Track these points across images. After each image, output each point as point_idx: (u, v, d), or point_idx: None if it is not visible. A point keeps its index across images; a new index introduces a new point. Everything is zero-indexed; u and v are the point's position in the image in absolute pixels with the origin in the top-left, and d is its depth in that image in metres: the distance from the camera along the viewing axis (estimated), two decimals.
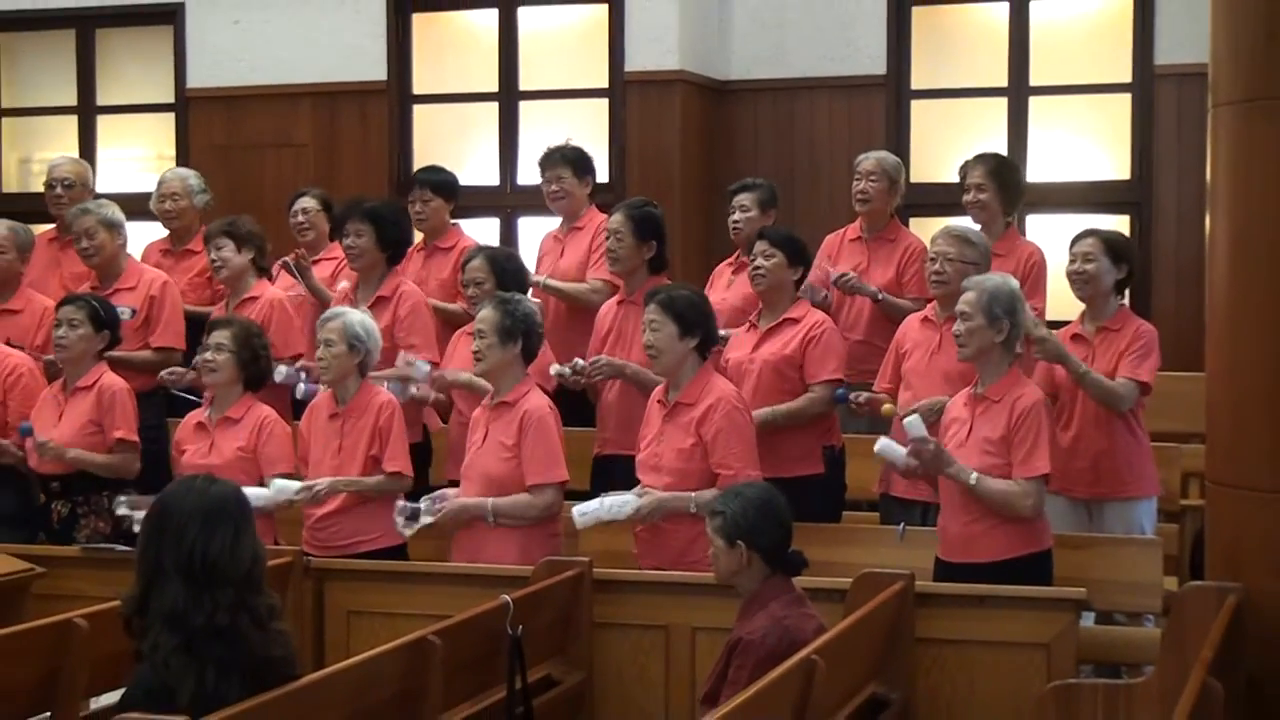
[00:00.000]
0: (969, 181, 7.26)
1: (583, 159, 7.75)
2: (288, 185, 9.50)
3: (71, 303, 6.75)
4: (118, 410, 6.62)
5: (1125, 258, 6.45)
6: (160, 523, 3.71)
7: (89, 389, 6.66)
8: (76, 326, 6.63)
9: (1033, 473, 5.50)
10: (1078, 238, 6.51)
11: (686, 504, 5.73)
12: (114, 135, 10.99)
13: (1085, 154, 9.64)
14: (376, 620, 5.78)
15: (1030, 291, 6.98)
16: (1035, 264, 7.11)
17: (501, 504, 5.91)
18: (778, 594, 4.82)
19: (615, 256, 6.87)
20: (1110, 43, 9.64)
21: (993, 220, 7.20)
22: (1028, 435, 5.53)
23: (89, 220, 7.49)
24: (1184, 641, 4.47)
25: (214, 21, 10.52)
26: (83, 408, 6.62)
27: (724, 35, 10.12)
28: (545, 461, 5.92)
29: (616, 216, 6.90)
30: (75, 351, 6.65)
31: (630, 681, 5.60)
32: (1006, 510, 5.50)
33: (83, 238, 7.48)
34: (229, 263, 7.31)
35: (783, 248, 6.55)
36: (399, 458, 6.23)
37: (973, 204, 7.23)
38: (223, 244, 7.31)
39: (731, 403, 5.89)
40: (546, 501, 5.94)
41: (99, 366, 6.73)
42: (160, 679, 3.59)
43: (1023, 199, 7.39)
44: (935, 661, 5.31)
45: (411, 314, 7.07)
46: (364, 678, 4.27)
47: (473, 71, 10.32)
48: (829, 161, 9.83)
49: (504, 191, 10.21)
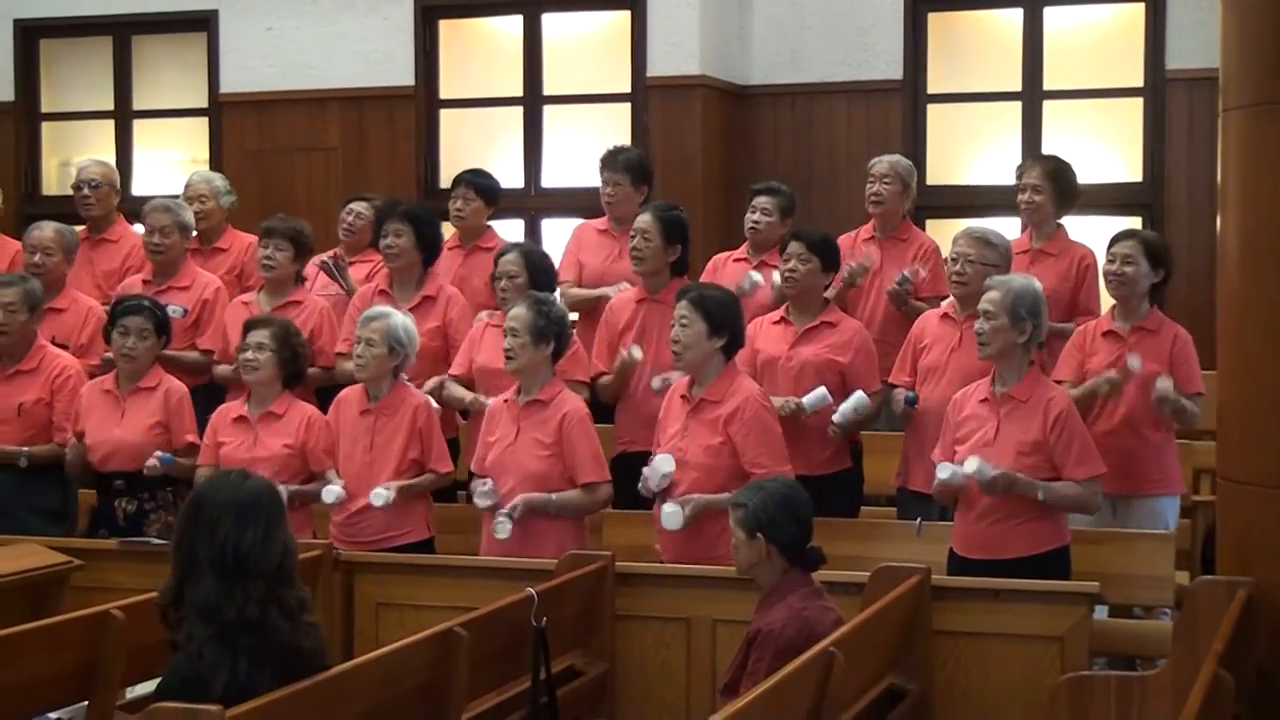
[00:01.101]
0: (1025, 181, 7.27)
1: (642, 167, 7.81)
2: (318, 188, 9.64)
3: (137, 313, 6.77)
4: (185, 414, 6.75)
5: (1163, 262, 6.49)
6: (195, 516, 3.77)
7: (151, 390, 6.75)
8: (146, 338, 6.73)
9: (1091, 473, 5.62)
10: (1117, 238, 6.54)
11: (726, 504, 5.70)
12: (150, 139, 11.10)
13: (1098, 157, 9.66)
14: (404, 612, 5.84)
15: (1089, 294, 7.07)
16: (1089, 266, 7.12)
17: (566, 500, 6.03)
18: (796, 587, 4.86)
19: (640, 256, 6.94)
20: (1122, 48, 9.69)
21: (1044, 221, 7.23)
22: (1072, 438, 5.61)
23: (166, 219, 7.62)
24: (1195, 634, 4.50)
25: (246, 28, 10.63)
26: (149, 408, 6.70)
27: (744, 41, 10.19)
28: (595, 461, 6.08)
29: (645, 217, 6.97)
30: (143, 362, 6.76)
31: (652, 672, 5.66)
32: (1079, 511, 5.63)
33: (156, 234, 7.59)
34: (281, 265, 7.41)
35: (818, 253, 6.62)
36: (445, 457, 6.42)
37: (1027, 204, 7.25)
38: (284, 246, 7.40)
39: (759, 402, 5.96)
40: (601, 498, 6.15)
41: (157, 369, 6.84)
42: (195, 669, 3.65)
43: (1077, 202, 7.39)
44: (951, 653, 5.34)
45: (463, 317, 7.23)
46: (392, 668, 4.31)
47: (498, 77, 10.39)
48: (846, 165, 9.87)
49: (528, 194, 10.28)
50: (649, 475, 5.94)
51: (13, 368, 7.01)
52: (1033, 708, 5.19)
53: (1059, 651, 5.24)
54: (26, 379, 7.00)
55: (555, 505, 6.03)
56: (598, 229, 7.87)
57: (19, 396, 6.95)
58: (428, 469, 6.38)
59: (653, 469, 5.94)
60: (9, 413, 6.94)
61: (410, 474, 6.34)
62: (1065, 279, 7.03)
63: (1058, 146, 9.54)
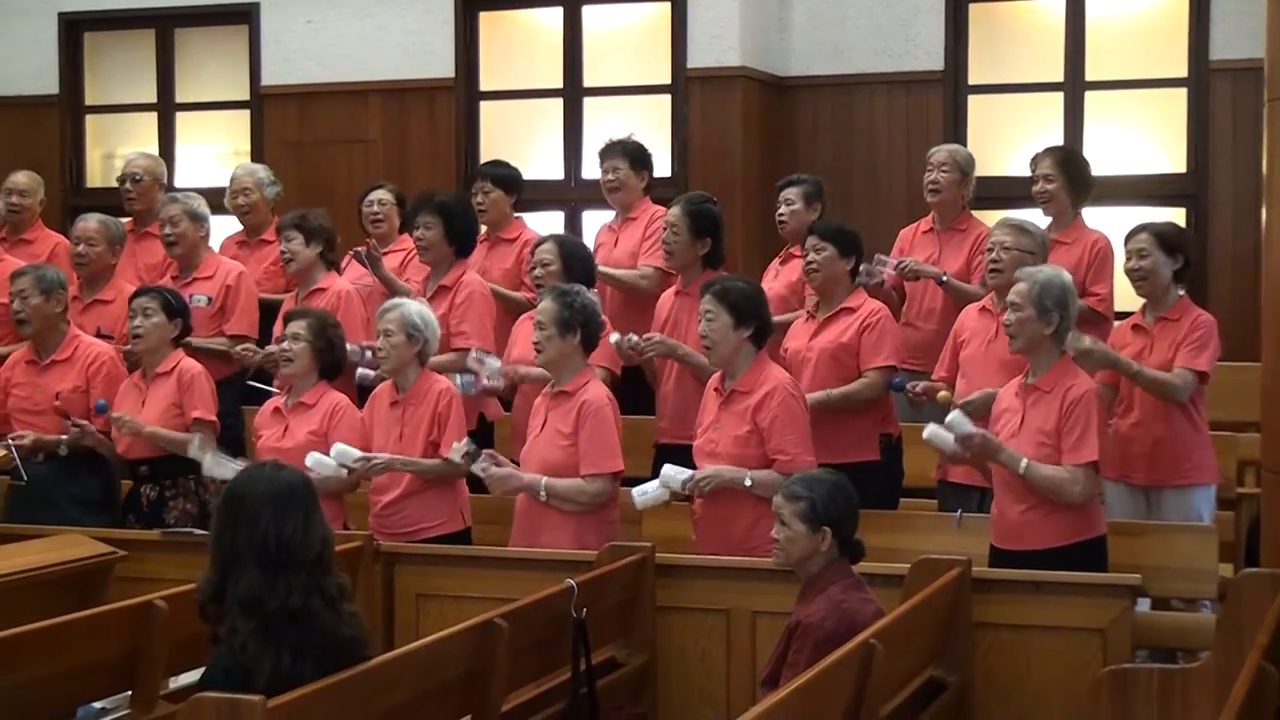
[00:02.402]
0: (1038, 172, 7.28)
1: (640, 153, 7.82)
2: (358, 180, 9.66)
3: (144, 294, 6.90)
4: (195, 391, 6.75)
5: (1179, 248, 6.45)
6: (233, 511, 3.79)
7: (168, 374, 6.79)
8: (150, 315, 6.77)
9: (1081, 459, 5.51)
10: (1130, 234, 6.51)
11: (742, 479, 5.77)
12: (192, 131, 11.16)
13: (1141, 148, 9.62)
14: (445, 603, 5.86)
15: (1095, 278, 7.02)
16: (1100, 250, 7.11)
17: (556, 484, 5.96)
18: (838, 578, 4.85)
19: (670, 250, 6.93)
20: (1166, 38, 9.63)
21: (1061, 212, 7.23)
22: (1076, 423, 5.53)
23: (175, 209, 7.68)
24: (1239, 627, 4.49)
25: (288, 21, 10.68)
26: (164, 392, 6.75)
27: (784, 32, 10.18)
28: (601, 452, 5.97)
29: (674, 210, 6.95)
30: (152, 340, 6.79)
31: (692, 664, 5.66)
32: (1055, 496, 5.51)
33: (167, 225, 7.66)
34: (298, 255, 7.46)
35: (833, 240, 6.60)
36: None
37: (1041, 194, 7.26)
38: (292, 236, 7.46)
39: (787, 390, 5.93)
40: (597, 490, 5.98)
41: (176, 353, 6.87)
42: (238, 661, 3.67)
43: (1092, 191, 7.37)
44: (992, 646, 5.34)
45: (467, 301, 7.17)
46: (432, 659, 4.34)
47: (538, 68, 10.41)
48: (887, 156, 9.88)
49: (568, 186, 10.29)
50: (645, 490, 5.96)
51: (48, 358, 7.06)
52: (1074, 700, 5.19)
53: (1101, 644, 5.23)
54: (62, 368, 7.04)
55: (545, 489, 5.94)
56: (608, 227, 7.95)
57: (56, 386, 6.99)
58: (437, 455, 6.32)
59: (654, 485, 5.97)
60: (46, 403, 6.99)
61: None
62: (1079, 266, 6.98)
63: (1100, 138, 9.55)
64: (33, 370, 7.08)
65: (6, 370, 7.20)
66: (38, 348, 7.09)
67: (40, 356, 7.08)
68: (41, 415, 7.00)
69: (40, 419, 6.99)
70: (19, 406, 7.06)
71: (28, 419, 7.00)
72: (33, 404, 7.03)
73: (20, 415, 7.03)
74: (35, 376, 7.06)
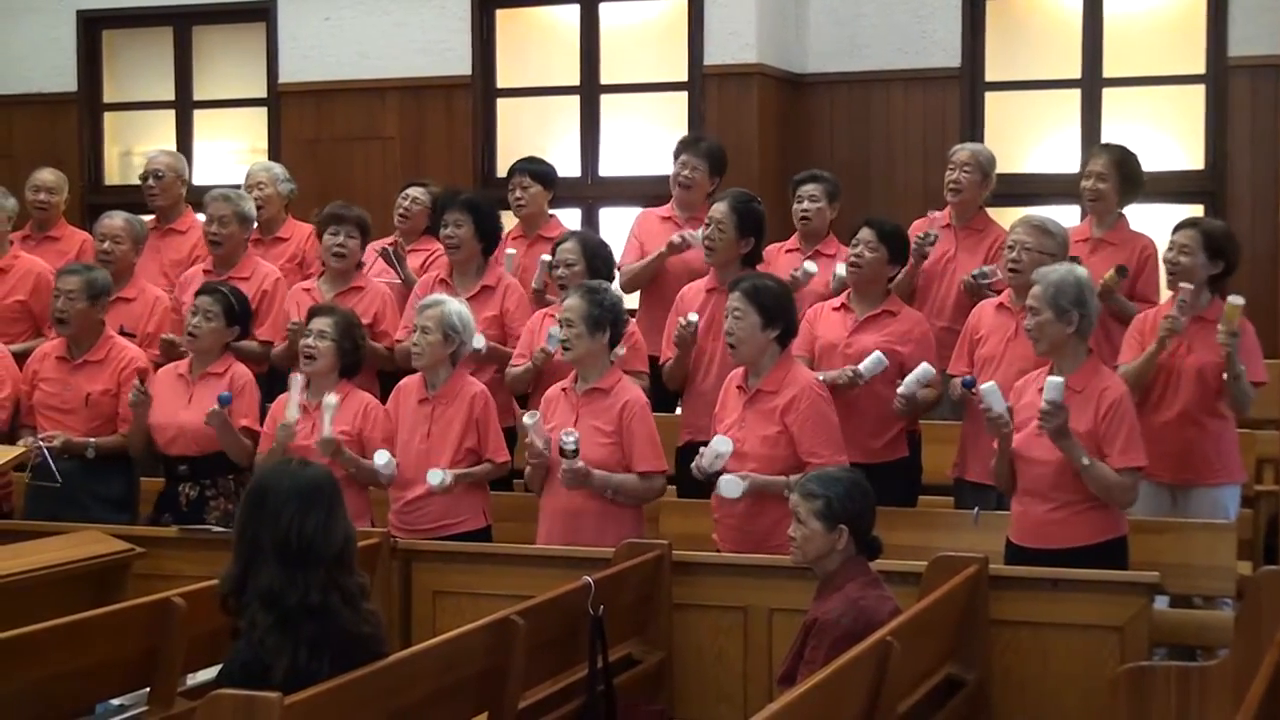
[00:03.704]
0: (1090, 169, 7.21)
1: (720, 158, 7.81)
2: (375, 177, 9.69)
3: (210, 294, 6.88)
4: (246, 399, 6.78)
5: (1224, 253, 6.39)
6: (258, 504, 3.81)
7: (220, 375, 6.79)
8: (211, 319, 6.79)
9: (1131, 463, 5.53)
10: (1179, 226, 6.48)
11: (782, 488, 5.66)
12: (210, 129, 11.18)
13: (1159, 145, 9.58)
14: (462, 600, 5.87)
15: (1145, 284, 6.98)
16: (1149, 256, 7.05)
17: (624, 482, 6.02)
18: (855, 576, 4.85)
19: (713, 247, 6.85)
20: (1183, 35, 9.59)
21: (1107, 210, 7.17)
22: (1120, 428, 5.53)
23: (225, 209, 7.66)
24: (1258, 625, 4.47)
25: (305, 18, 10.69)
26: (215, 393, 6.66)
27: (800, 29, 10.16)
28: (653, 450, 6.06)
29: (720, 207, 6.87)
30: (205, 342, 6.81)
31: (709, 661, 5.67)
32: (1106, 497, 5.52)
33: (215, 223, 7.64)
34: (353, 254, 7.47)
35: (888, 243, 6.60)
36: (501, 447, 6.42)
37: (1091, 191, 7.17)
38: (354, 234, 7.46)
39: (816, 391, 5.95)
40: (658, 487, 6.12)
41: (227, 356, 6.90)
42: (255, 655, 3.68)
43: (1140, 192, 7.32)
44: (1010, 643, 5.33)
45: (519, 307, 7.23)
46: (450, 655, 4.35)
47: (555, 66, 10.42)
48: (903, 153, 9.87)
49: (585, 183, 10.30)
50: (704, 454, 5.89)
51: (80, 358, 7.07)
52: (1092, 698, 5.17)
53: (1119, 642, 5.22)
54: (94, 369, 7.06)
55: (614, 484, 6.00)
56: (661, 216, 7.87)
57: (87, 387, 7.01)
58: (484, 458, 6.39)
59: (710, 448, 5.89)
60: (76, 403, 7.01)
61: (467, 463, 6.34)
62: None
63: (1118, 134, 9.49)
64: (64, 367, 7.09)
65: (35, 363, 7.21)
66: (71, 345, 7.10)
67: (73, 355, 7.09)
68: (70, 414, 7.01)
69: (68, 417, 7.01)
70: (46, 403, 7.07)
71: (55, 416, 7.02)
72: (61, 401, 7.04)
73: (47, 411, 7.05)
74: (66, 374, 7.07)
